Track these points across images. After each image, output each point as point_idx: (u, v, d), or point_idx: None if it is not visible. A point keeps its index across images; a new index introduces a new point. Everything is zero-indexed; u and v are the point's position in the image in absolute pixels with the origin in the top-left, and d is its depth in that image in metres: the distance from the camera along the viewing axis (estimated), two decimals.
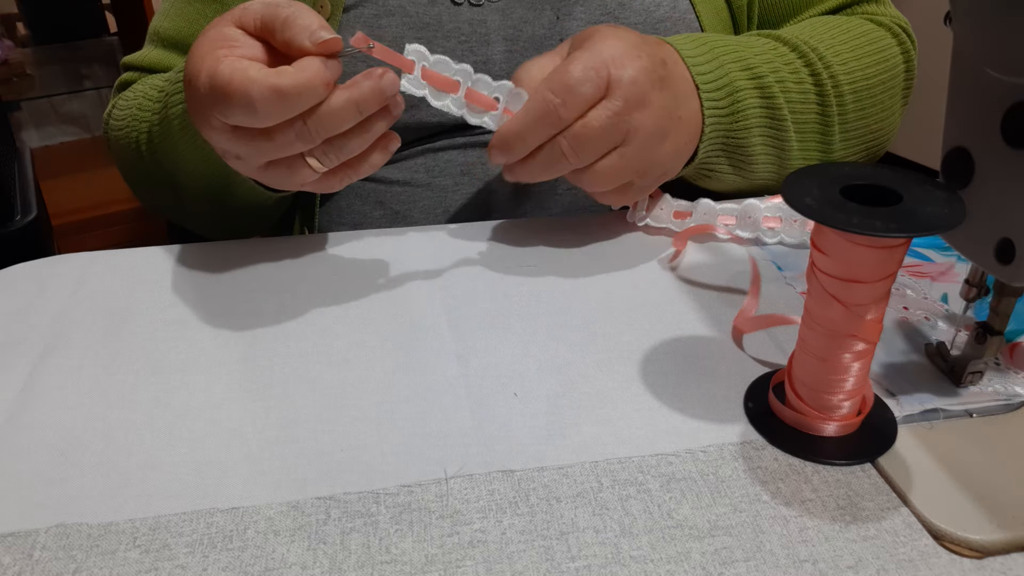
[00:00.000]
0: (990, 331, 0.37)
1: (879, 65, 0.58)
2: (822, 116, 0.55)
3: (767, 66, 0.53)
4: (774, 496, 0.33)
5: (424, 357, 0.42)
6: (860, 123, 0.57)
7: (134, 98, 0.58)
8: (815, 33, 0.57)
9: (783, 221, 0.52)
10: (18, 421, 0.38)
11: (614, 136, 0.46)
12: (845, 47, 0.56)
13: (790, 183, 0.33)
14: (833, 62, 0.55)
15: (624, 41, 0.46)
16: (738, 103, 0.51)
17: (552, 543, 0.31)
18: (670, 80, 0.48)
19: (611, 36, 0.46)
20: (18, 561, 0.31)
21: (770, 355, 0.42)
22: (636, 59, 0.46)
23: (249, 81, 0.38)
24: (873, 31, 0.59)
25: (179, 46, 0.61)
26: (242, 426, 0.37)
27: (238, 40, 0.41)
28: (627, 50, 0.46)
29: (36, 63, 2.11)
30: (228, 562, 0.30)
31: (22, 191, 0.96)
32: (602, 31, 0.47)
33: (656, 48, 0.48)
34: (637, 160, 0.47)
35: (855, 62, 0.56)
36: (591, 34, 0.47)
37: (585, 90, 0.44)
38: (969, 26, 0.34)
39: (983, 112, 0.34)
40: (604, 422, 0.37)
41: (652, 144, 0.47)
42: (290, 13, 0.40)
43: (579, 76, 0.44)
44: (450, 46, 0.58)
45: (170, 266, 0.50)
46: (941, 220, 0.30)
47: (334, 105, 0.40)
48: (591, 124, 0.45)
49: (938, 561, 0.30)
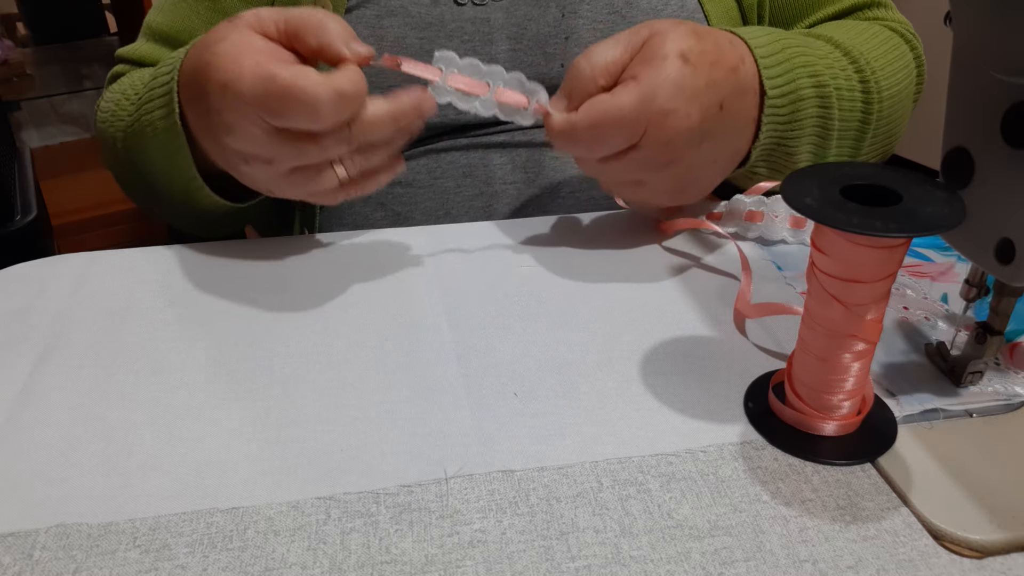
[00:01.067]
0: (990, 331, 0.37)
1: (903, 71, 0.58)
2: (862, 124, 0.55)
3: (829, 74, 0.52)
4: (774, 496, 0.33)
5: (424, 357, 0.42)
6: (885, 129, 0.57)
7: (119, 90, 0.58)
8: (857, 38, 0.57)
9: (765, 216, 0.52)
10: (18, 421, 0.38)
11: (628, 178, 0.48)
12: (884, 55, 0.56)
13: (790, 183, 0.33)
14: (878, 72, 0.55)
15: (689, 81, 0.44)
16: (799, 111, 0.50)
17: (552, 543, 0.31)
18: (722, 123, 0.46)
19: (677, 71, 0.44)
20: (18, 561, 0.31)
21: (770, 355, 0.42)
22: (685, 118, 0.44)
23: (315, 84, 0.39)
24: (893, 37, 0.60)
25: (170, 41, 0.61)
26: (242, 426, 0.37)
27: (269, 46, 0.42)
28: (680, 100, 0.44)
29: (36, 63, 2.11)
30: (228, 562, 0.30)
31: (22, 191, 0.96)
32: (673, 51, 0.44)
33: (720, 86, 0.45)
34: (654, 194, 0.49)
35: (891, 68, 0.56)
36: (660, 53, 0.44)
37: (615, 141, 0.45)
38: (969, 26, 0.34)
39: (983, 112, 0.34)
40: (604, 422, 0.37)
41: (670, 186, 0.48)
42: (320, 19, 0.41)
43: (617, 126, 0.44)
44: (453, 46, 0.58)
45: (170, 266, 0.50)
46: (941, 220, 0.30)
47: (377, 114, 0.42)
48: (603, 169, 0.47)
49: (938, 561, 0.30)
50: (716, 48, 0.46)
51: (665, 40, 0.45)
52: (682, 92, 0.44)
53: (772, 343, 0.43)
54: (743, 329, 0.44)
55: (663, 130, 0.44)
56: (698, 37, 0.45)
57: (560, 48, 0.60)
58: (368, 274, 0.49)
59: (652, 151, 0.45)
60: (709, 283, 0.48)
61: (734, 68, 0.47)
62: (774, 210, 0.52)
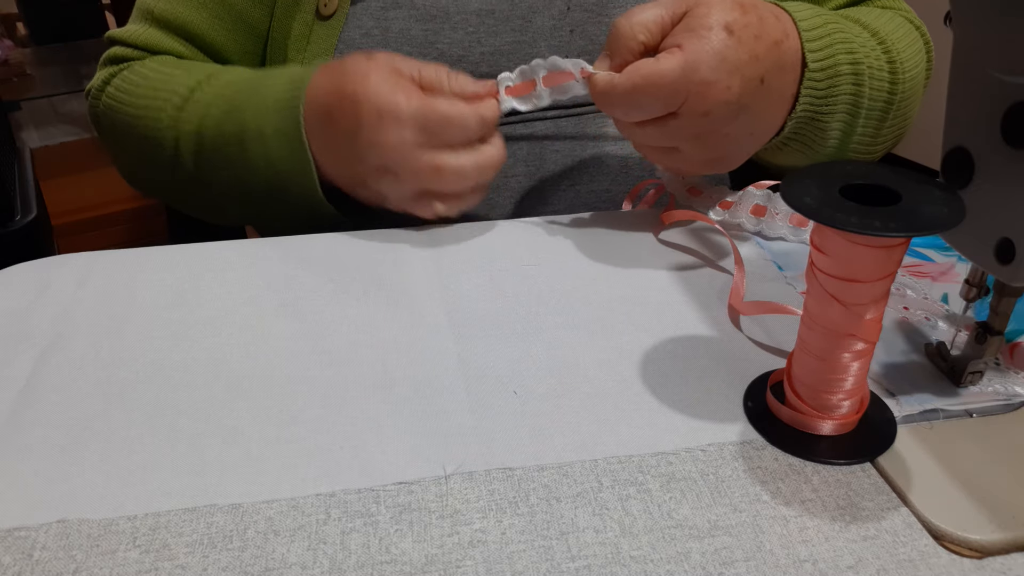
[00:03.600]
0: (990, 331, 0.37)
1: (918, 56, 0.58)
2: (887, 104, 0.54)
3: (863, 52, 0.52)
4: (774, 496, 0.33)
5: (424, 355, 0.42)
6: (903, 111, 0.57)
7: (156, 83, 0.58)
8: (878, 22, 0.57)
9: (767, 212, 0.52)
10: (19, 420, 0.38)
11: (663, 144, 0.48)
12: (902, 39, 0.57)
13: (789, 183, 0.33)
14: (903, 55, 0.55)
15: (733, 53, 0.44)
16: (834, 87, 0.50)
17: (552, 543, 0.31)
18: (762, 97, 0.46)
19: (721, 42, 0.44)
20: (18, 561, 0.31)
21: (770, 354, 0.42)
22: (726, 90, 0.44)
23: (465, 108, 0.49)
24: (905, 24, 0.60)
25: (173, 28, 0.61)
26: (242, 425, 0.37)
27: (412, 84, 0.50)
28: (722, 72, 0.44)
29: (36, 63, 2.11)
30: (228, 562, 0.30)
31: (22, 191, 0.96)
32: (718, 22, 0.44)
33: (763, 60, 0.46)
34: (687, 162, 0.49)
35: (909, 51, 0.56)
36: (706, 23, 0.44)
37: (653, 107, 0.45)
38: (969, 26, 0.34)
39: (983, 112, 0.34)
40: (604, 421, 0.37)
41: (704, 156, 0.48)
42: (447, 73, 0.50)
43: (657, 92, 0.44)
44: (458, 37, 0.58)
45: (170, 266, 0.50)
46: (940, 220, 0.30)
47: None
48: (639, 133, 0.48)
49: (938, 561, 0.30)
50: (760, 21, 0.46)
51: (711, 10, 0.45)
52: (725, 64, 0.44)
53: (772, 342, 0.43)
54: (738, 325, 0.44)
55: (703, 100, 0.44)
56: (743, 10, 0.46)
57: (564, 41, 0.60)
58: (369, 274, 0.49)
59: (690, 120, 0.45)
60: (709, 283, 0.48)
61: (777, 42, 0.46)
62: (776, 207, 0.52)
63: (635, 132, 0.48)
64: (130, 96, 0.59)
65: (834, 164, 0.35)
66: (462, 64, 0.59)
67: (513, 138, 0.61)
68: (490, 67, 0.59)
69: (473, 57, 0.59)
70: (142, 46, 0.62)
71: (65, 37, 2.26)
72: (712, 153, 0.48)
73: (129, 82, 0.60)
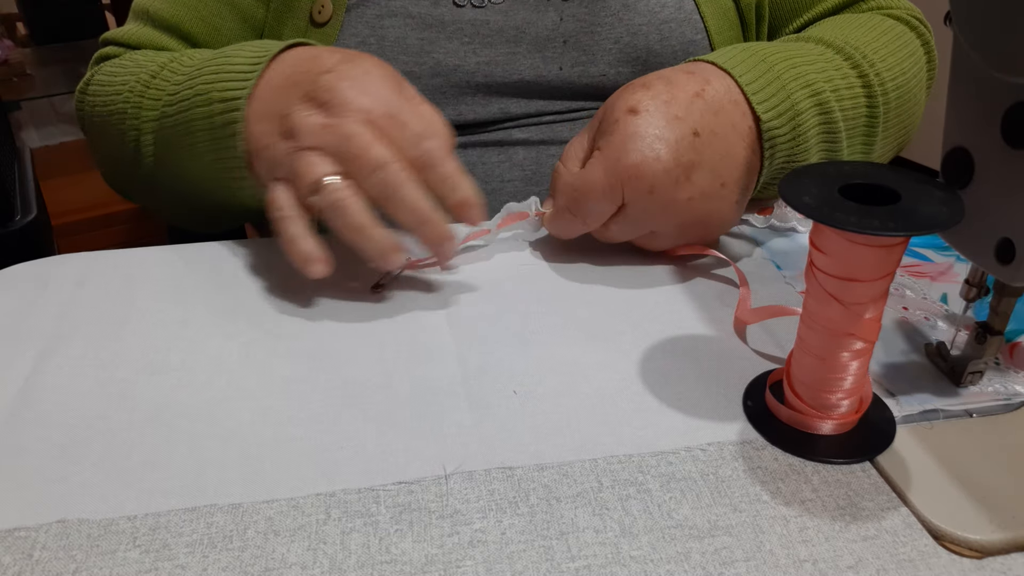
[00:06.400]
0: (990, 331, 0.37)
1: (909, 59, 0.57)
2: (869, 119, 0.53)
3: (823, 77, 0.50)
4: (774, 496, 0.33)
5: (424, 356, 0.42)
6: (896, 122, 0.56)
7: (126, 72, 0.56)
8: (852, 33, 0.56)
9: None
10: (19, 420, 0.38)
11: (637, 234, 0.48)
12: (884, 47, 0.55)
13: (788, 182, 0.33)
14: (879, 65, 0.54)
15: (645, 128, 0.44)
16: (799, 127, 0.48)
17: (552, 543, 0.31)
18: (707, 147, 0.45)
19: (630, 126, 0.45)
20: (18, 561, 0.31)
21: (769, 354, 0.42)
22: (655, 161, 0.44)
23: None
24: (895, 26, 0.59)
25: (169, 28, 0.60)
26: (242, 425, 0.37)
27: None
28: (643, 149, 0.44)
29: (36, 63, 2.11)
30: (228, 562, 0.30)
31: (22, 191, 0.96)
32: (623, 112, 0.45)
33: (685, 118, 0.45)
34: (672, 239, 0.49)
35: (893, 59, 0.55)
36: (612, 118, 0.45)
37: (600, 209, 0.46)
38: (969, 26, 0.34)
39: (983, 112, 0.34)
40: (603, 421, 0.37)
41: (684, 228, 0.48)
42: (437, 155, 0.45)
43: (592, 195, 0.46)
44: (453, 47, 0.58)
45: (170, 266, 0.50)
46: (939, 219, 0.30)
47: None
48: (611, 234, 0.48)
49: (938, 561, 0.30)
50: (669, 86, 0.46)
51: (614, 105, 0.46)
52: (642, 141, 0.44)
53: (771, 342, 0.43)
54: (742, 335, 0.43)
55: (640, 180, 0.44)
56: (645, 86, 0.46)
57: (558, 52, 0.60)
58: (368, 274, 0.49)
59: (641, 204, 0.45)
60: (709, 283, 0.48)
61: (697, 94, 0.46)
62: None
63: (609, 234, 0.48)
64: (103, 88, 0.57)
65: (834, 164, 0.35)
66: (457, 73, 0.59)
67: (509, 143, 0.61)
68: (484, 77, 0.59)
69: (468, 67, 0.59)
70: (134, 44, 0.61)
71: (65, 37, 2.26)
72: (689, 221, 0.47)
73: (106, 74, 0.58)
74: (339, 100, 0.42)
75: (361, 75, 0.44)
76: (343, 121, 0.42)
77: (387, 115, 0.43)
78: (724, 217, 0.48)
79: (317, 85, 0.43)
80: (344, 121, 0.42)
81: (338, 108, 0.42)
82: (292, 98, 0.44)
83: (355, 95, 0.43)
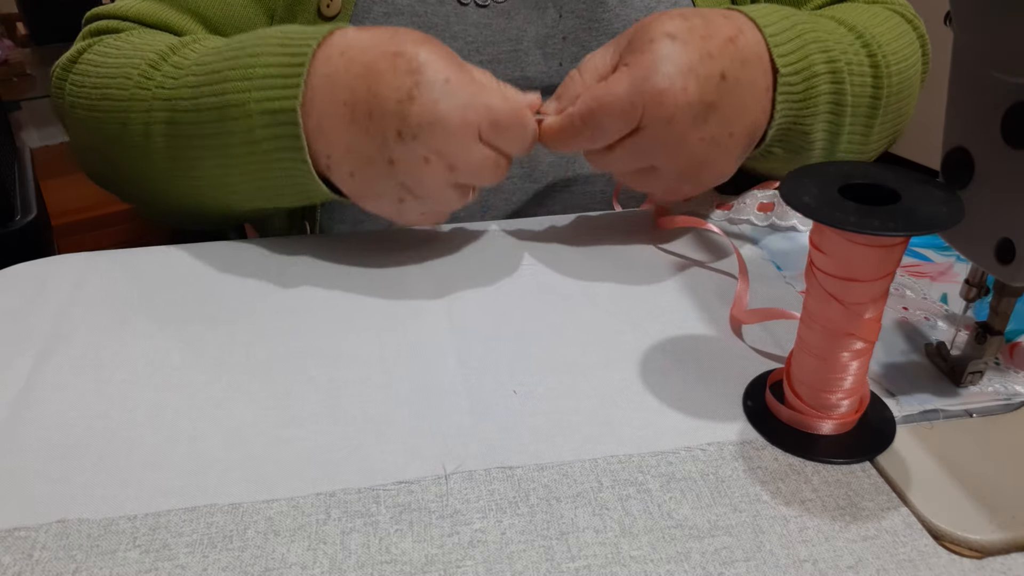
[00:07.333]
0: (990, 331, 0.37)
1: (908, 49, 0.57)
2: (873, 100, 0.53)
3: (839, 48, 0.51)
4: (774, 496, 0.33)
5: (424, 356, 0.42)
6: (895, 108, 0.56)
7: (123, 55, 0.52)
8: (859, 17, 0.56)
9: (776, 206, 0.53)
10: (19, 420, 0.38)
11: (637, 165, 0.47)
12: (888, 32, 0.55)
13: (788, 182, 0.33)
14: (885, 48, 0.54)
15: (680, 56, 0.44)
16: (812, 89, 0.48)
17: (552, 543, 0.31)
18: (728, 93, 0.45)
19: (666, 49, 0.43)
20: (18, 561, 0.31)
21: (769, 354, 0.42)
22: (682, 92, 0.43)
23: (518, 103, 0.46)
24: (894, 17, 0.59)
25: (176, 2, 0.58)
26: (242, 425, 0.37)
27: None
28: (674, 76, 0.43)
29: (36, 63, 2.11)
30: (228, 562, 0.30)
31: (22, 191, 0.96)
32: (660, 33, 0.44)
33: (718, 58, 0.45)
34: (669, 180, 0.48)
35: (896, 44, 0.55)
36: (647, 38, 0.44)
37: (614, 127, 0.44)
38: (969, 26, 0.34)
39: (983, 112, 0.34)
40: (603, 421, 0.37)
41: (684, 170, 0.47)
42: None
43: (611, 110, 0.44)
44: (457, 47, 0.58)
45: (170, 266, 0.50)
46: (939, 219, 0.30)
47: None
48: (610, 159, 0.46)
49: (938, 561, 0.30)
50: (706, 23, 0.46)
51: (651, 25, 0.45)
52: (674, 68, 0.43)
53: (771, 342, 0.43)
54: (739, 333, 0.43)
55: (662, 108, 0.43)
56: (684, 17, 0.45)
57: (558, 48, 0.60)
58: (368, 274, 0.49)
59: (656, 131, 0.44)
60: (709, 282, 0.48)
61: (731, 38, 0.46)
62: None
63: (608, 160, 0.47)
64: (99, 67, 0.53)
65: (834, 164, 0.35)
66: None
67: None
68: None
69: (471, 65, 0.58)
70: (133, 18, 0.57)
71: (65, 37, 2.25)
72: (691, 164, 0.46)
73: (101, 54, 0.54)
74: (441, 135, 0.43)
75: (441, 84, 0.43)
76: (468, 158, 0.44)
77: (489, 124, 0.44)
78: (721, 168, 0.48)
79: (407, 123, 0.43)
80: (467, 155, 0.44)
81: (450, 151, 0.43)
82: (376, 137, 0.44)
83: (457, 119, 0.43)
